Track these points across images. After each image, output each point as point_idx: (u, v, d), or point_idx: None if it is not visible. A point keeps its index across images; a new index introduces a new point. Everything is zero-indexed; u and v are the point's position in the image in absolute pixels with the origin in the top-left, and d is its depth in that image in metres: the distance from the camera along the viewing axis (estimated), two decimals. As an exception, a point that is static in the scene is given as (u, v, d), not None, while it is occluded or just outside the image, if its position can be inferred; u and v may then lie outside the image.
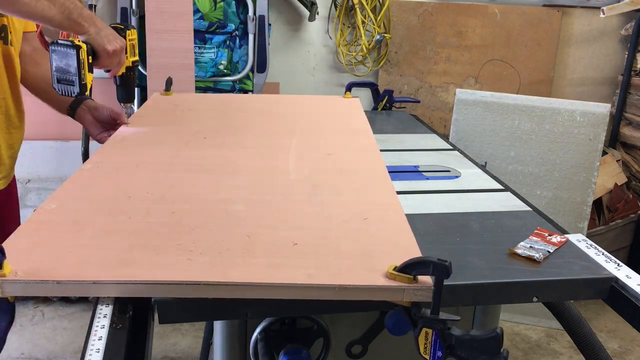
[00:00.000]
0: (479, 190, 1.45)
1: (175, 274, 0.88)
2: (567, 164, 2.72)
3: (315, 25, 3.44)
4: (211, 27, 2.98)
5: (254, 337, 1.24)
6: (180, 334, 2.84)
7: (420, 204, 1.33)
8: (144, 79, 2.97)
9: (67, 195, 1.15)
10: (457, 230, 1.20)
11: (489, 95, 2.82)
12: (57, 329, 2.86)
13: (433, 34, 3.48)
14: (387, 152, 1.73)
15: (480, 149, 2.84)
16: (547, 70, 3.57)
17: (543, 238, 1.15)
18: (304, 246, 0.98)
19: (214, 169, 1.32)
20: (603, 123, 2.63)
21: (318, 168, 1.36)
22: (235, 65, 3.08)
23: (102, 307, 0.89)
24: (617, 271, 1.04)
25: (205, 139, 1.54)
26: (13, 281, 0.85)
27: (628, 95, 3.59)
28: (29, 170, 3.26)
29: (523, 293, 1.02)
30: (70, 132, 3.27)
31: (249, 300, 0.90)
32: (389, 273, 0.89)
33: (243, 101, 2.03)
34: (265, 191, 1.21)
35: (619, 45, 3.66)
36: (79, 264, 0.90)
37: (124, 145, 1.48)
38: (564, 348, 2.87)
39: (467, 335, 0.85)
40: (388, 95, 2.42)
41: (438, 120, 3.59)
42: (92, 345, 0.82)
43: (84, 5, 1.40)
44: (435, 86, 3.55)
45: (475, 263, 1.05)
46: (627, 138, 3.60)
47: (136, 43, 1.60)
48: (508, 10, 3.48)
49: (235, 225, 1.05)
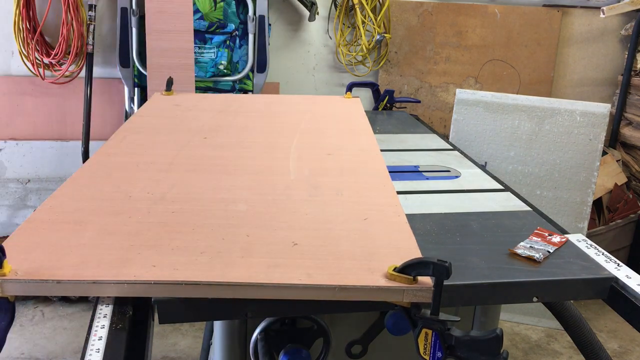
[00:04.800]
0: (479, 190, 1.45)
1: (175, 274, 0.88)
2: (567, 164, 2.72)
3: (315, 25, 3.44)
4: (211, 27, 2.98)
5: (254, 337, 1.24)
6: (180, 334, 2.84)
7: (420, 204, 1.33)
8: (144, 79, 2.97)
9: (67, 195, 1.15)
10: (457, 230, 1.20)
11: (489, 95, 2.82)
12: (57, 329, 2.86)
13: (433, 34, 3.48)
14: (388, 152, 1.73)
15: (480, 149, 2.84)
16: (547, 70, 3.57)
17: (543, 238, 1.15)
18: (304, 246, 0.98)
19: (214, 169, 1.32)
20: (603, 123, 2.63)
21: (318, 168, 1.36)
22: (235, 65, 3.08)
23: (102, 307, 0.89)
24: (617, 271, 1.04)
25: (206, 139, 1.54)
26: (13, 280, 0.85)
27: (628, 95, 3.59)
28: (29, 170, 3.26)
29: (523, 293, 1.02)
30: (70, 132, 3.27)
31: (249, 300, 0.90)
32: (388, 274, 0.89)
33: (243, 101, 2.03)
34: (265, 191, 1.21)
35: (619, 45, 3.66)
36: (79, 263, 0.90)
37: (124, 145, 1.48)
38: (564, 348, 2.87)
39: (467, 335, 0.85)
40: (389, 96, 2.42)
41: (438, 120, 3.59)
42: (92, 345, 0.82)
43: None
44: (435, 86, 3.55)
45: (475, 263, 1.05)
46: (627, 138, 3.60)
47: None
48: (508, 10, 3.48)
49: (235, 225, 1.05)
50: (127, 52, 2.98)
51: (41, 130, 3.25)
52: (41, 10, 3.04)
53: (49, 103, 3.22)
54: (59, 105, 3.24)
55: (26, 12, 2.97)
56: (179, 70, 2.88)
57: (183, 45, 2.89)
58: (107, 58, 3.25)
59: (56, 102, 3.23)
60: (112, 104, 3.30)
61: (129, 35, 2.98)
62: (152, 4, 2.86)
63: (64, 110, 3.25)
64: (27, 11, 2.98)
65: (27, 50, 3.01)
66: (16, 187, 3.26)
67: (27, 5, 2.97)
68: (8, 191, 3.26)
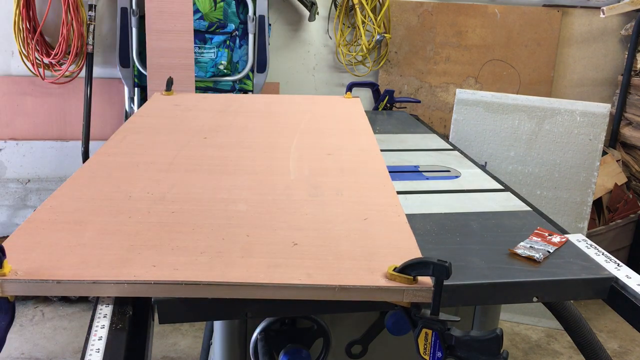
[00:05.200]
0: (479, 190, 1.45)
1: (175, 274, 0.88)
2: (567, 164, 2.72)
3: (315, 25, 3.44)
4: (211, 27, 2.98)
5: (254, 337, 1.24)
6: (180, 334, 2.84)
7: (420, 204, 1.33)
8: (144, 79, 2.97)
9: (67, 195, 1.15)
10: (457, 230, 1.20)
11: (489, 95, 2.82)
12: (57, 329, 2.86)
13: (433, 34, 3.48)
14: (388, 152, 1.73)
15: (480, 149, 2.84)
16: (547, 70, 3.57)
17: (543, 238, 1.15)
18: (304, 246, 0.98)
19: (214, 169, 1.32)
20: (603, 123, 2.63)
21: (318, 168, 1.36)
22: (235, 65, 3.08)
23: (102, 307, 0.89)
24: (617, 271, 1.04)
25: (206, 139, 1.54)
26: (13, 280, 0.85)
27: (628, 95, 3.59)
28: (29, 170, 3.26)
29: (523, 293, 1.02)
30: (70, 132, 3.27)
31: (249, 300, 0.90)
32: (388, 274, 0.89)
33: (243, 101, 2.03)
34: (265, 191, 1.21)
35: (619, 45, 3.66)
36: (79, 263, 0.90)
37: (124, 145, 1.48)
38: (564, 348, 2.87)
39: (467, 335, 0.85)
40: (389, 96, 2.42)
41: (438, 120, 3.59)
42: (92, 345, 0.82)
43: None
44: (435, 86, 3.55)
45: (475, 263, 1.05)
46: (627, 138, 3.60)
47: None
48: (508, 10, 3.48)
49: (235, 225, 1.05)
50: (127, 52, 2.98)
51: (41, 130, 3.25)
52: (41, 10, 3.04)
53: (49, 103, 3.22)
54: (59, 105, 3.24)
55: (26, 12, 2.97)
56: (179, 70, 2.88)
57: (183, 45, 2.89)
58: (107, 58, 3.26)
59: (56, 102, 3.23)
60: (112, 104, 3.30)
61: (129, 35, 2.98)
62: (152, 4, 2.86)
63: (64, 110, 3.25)
64: (27, 11, 2.98)
65: (27, 50, 3.01)
66: (16, 187, 3.26)
67: (27, 5, 2.97)
68: (8, 191, 3.26)
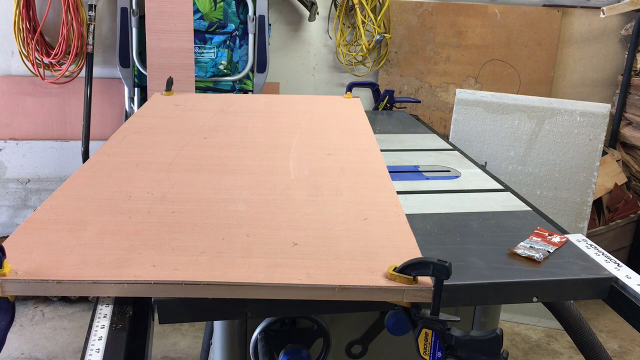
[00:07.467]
0: (479, 190, 1.45)
1: (175, 274, 0.88)
2: (567, 164, 2.72)
3: (315, 25, 3.44)
4: (211, 27, 2.98)
5: (254, 337, 1.24)
6: (180, 334, 2.84)
7: (420, 204, 1.33)
8: (144, 79, 2.97)
9: (67, 195, 1.15)
10: (457, 230, 1.20)
11: (489, 95, 2.82)
12: (57, 329, 2.86)
13: (433, 34, 3.48)
14: (388, 152, 1.73)
15: (480, 149, 2.84)
16: (547, 70, 3.57)
17: (543, 238, 1.15)
18: (304, 246, 0.98)
19: (214, 169, 1.32)
20: (603, 123, 2.63)
21: (318, 168, 1.36)
22: (235, 65, 3.08)
23: (102, 307, 0.89)
24: (617, 271, 1.04)
25: (206, 139, 1.54)
26: (13, 280, 0.85)
27: (628, 95, 3.59)
28: (29, 170, 3.26)
29: (523, 293, 1.02)
30: (70, 132, 3.27)
31: (249, 300, 0.90)
32: (388, 274, 0.89)
33: (243, 101, 2.03)
34: (265, 191, 1.21)
35: (619, 45, 3.66)
36: (79, 263, 0.90)
37: (124, 144, 1.48)
38: (564, 348, 2.87)
39: (467, 335, 0.85)
40: (389, 96, 2.42)
41: (438, 120, 3.59)
42: (92, 345, 0.82)
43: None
44: (435, 86, 3.55)
45: (475, 263, 1.05)
46: (627, 138, 3.60)
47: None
48: (508, 10, 3.48)
49: (235, 225, 1.05)
50: (127, 52, 2.98)
51: (41, 130, 3.25)
52: (41, 10, 3.04)
53: (49, 103, 3.22)
54: (59, 105, 3.24)
55: (26, 12, 2.97)
56: (179, 70, 2.88)
57: (183, 45, 2.89)
58: (107, 58, 3.26)
59: (56, 102, 3.23)
60: (112, 104, 3.30)
61: (129, 35, 2.98)
62: (152, 4, 2.86)
63: (64, 110, 3.25)
64: (27, 11, 2.98)
65: (27, 50, 3.01)
66: (16, 187, 3.26)
67: (27, 5, 2.97)
68: (8, 191, 3.26)
